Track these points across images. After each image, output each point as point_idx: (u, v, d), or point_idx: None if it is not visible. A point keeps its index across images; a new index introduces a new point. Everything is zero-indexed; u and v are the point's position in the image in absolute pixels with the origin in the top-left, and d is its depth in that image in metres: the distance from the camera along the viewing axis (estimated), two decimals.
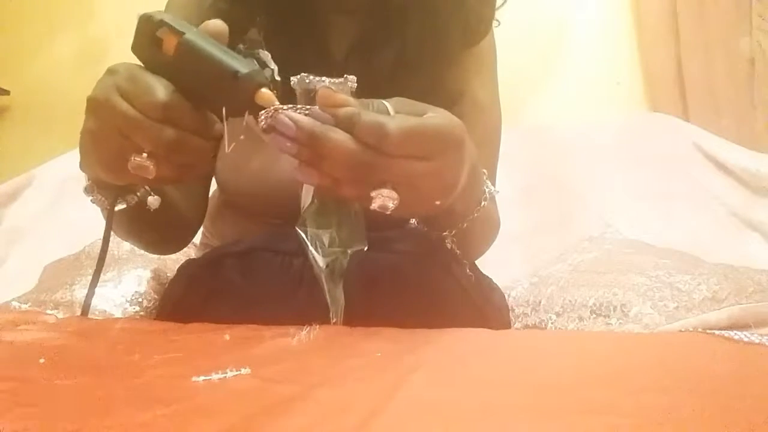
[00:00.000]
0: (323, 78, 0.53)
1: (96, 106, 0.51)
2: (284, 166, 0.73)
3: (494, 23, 0.82)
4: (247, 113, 0.53)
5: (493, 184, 0.76)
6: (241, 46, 0.51)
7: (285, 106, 0.48)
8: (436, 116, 0.49)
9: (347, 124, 0.46)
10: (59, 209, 1.43)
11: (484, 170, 0.64)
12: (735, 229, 1.31)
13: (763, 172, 1.33)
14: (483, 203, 0.64)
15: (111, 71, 0.52)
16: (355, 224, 0.56)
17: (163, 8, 0.84)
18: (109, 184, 0.59)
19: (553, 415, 0.36)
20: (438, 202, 0.51)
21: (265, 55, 0.52)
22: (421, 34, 0.75)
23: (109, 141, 0.51)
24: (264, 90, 0.48)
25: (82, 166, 0.58)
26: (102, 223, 0.65)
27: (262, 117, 0.48)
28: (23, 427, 0.34)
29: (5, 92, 1.85)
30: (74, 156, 0.58)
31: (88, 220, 1.31)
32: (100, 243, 1.10)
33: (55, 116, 1.81)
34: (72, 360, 0.48)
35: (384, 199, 0.47)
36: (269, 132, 0.48)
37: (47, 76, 1.85)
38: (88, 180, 0.60)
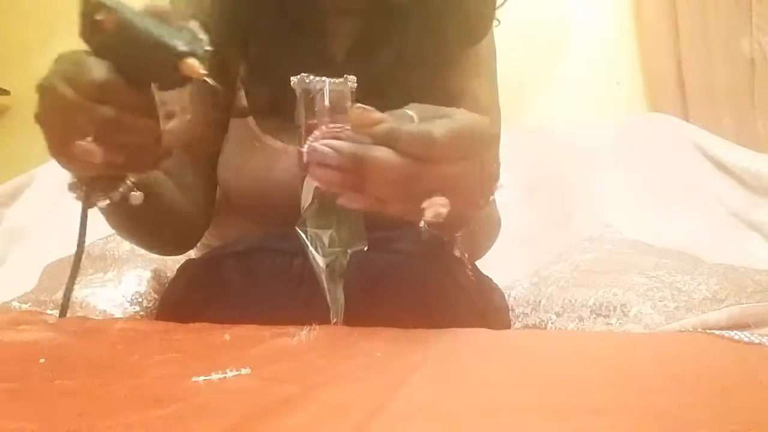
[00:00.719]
0: (323, 78, 0.52)
1: (42, 93, 0.51)
2: (284, 167, 0.73)
3: (494, 23, 0.81)
4: (244, 113, 0.53)
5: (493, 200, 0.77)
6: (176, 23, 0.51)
7: (210, 79, 0.48)
8: (462, 115, 0.49)
9: (388, 140, 0.45)
10: (59, 209, 1.43)
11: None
12: (735, 229, 1.31)
13: (763, 172, 1.33)
14: (491, 198, 0.63)
15: (58, 59, 0.52)
16: (355, 224, 0.56)
17: None
18: (88, 178, 0.58)
19: (554, 415, 0.36)
20: (482, 202, 0.50)
21: (195, 25, 0.51)
22: (421, 34, 0.75)
23: (55, 126, 0.51)
24: (189, 60, 0.48)
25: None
26: (102, 224, 0.65)
27: (305, 152, 0.47)
28: (23, 427, 0.34)
29: (5, 92, 1.85)
30: None
31: (88, 220, 1.31)
32: (100, 243, 1.12)
33: None
34: (72, 360, 0.48)
35: (436, 207, 0.46)
36: (307, 168, 0.47)
37: None
38: (72, 177, 0.60)
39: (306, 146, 0.48)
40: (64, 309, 0.63)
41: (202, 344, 0.54)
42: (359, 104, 0.47)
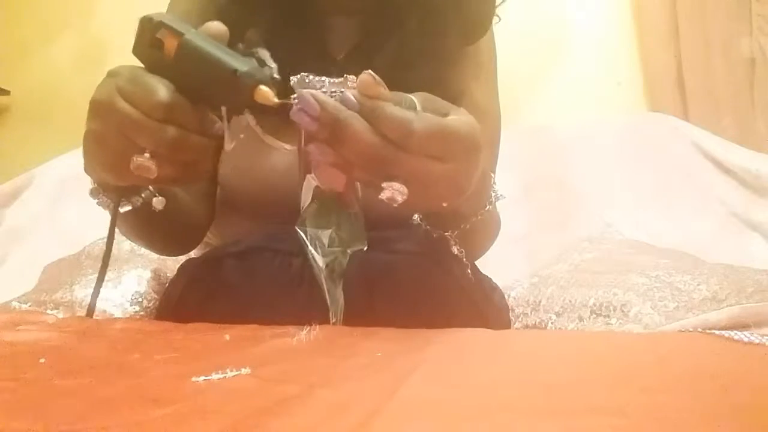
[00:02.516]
0: (323, 78, 0.53)
1: (98, 108, 0.51)
2: (284, 166, 0.73)
3: (495, 20, 0.81)
4: (247, 112, 0.53)
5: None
6: (240, 45, 0.51)
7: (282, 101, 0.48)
8: (459, 119, 0.49)
9: (370, 116, 0.46)
10: (59, 209, 1.43)
11: (492, 173, 0.64)
12: (735, 229, 1.31)
13: (763, 172, 1.33)
14: (488, 207, 0.64)
15: (112, 74, 0.52)
16: (354, 224, 0.56)
17: (163, 9, 0.84)
18: (113, 185, 0.59)
19: (553, 415, 0.36)
20: (445, 204, 0.51)
21: (264, 53, 0.52)
22: (421, 33, 0.75)
23: (111, 142, 0.51)
24: (263, 87, 0.49)
25: (86, 168, 0.58)
26: (104, 223, 0.65)
27: (294, 99, 0.48)
28: (23, 427, 0.34)
29: (5, 92, 1.85)
30: (74, 156, 0.58)
31: (88, 220, 1.31)
32: (100, 243, 1.12)
33: (55, 116, 1.81)
34: (72, 360, 0.48)
35: (394, 192, 0.47)
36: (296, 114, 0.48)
37: (47, 76, 1.85)
38: (93, 183, 0.60)
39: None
40: (90, 311, 0.63)
41: (202, 344, 0.54)
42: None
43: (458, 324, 0.57)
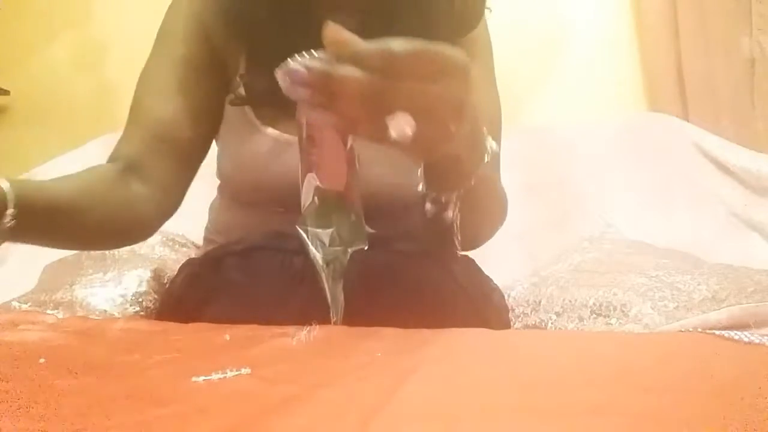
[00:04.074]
0: (302, 55, 0.52)
1: None
2: (282, 155, 0.73)
3: (486, 12, 0.81)
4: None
5: (498, 177, 0.77)
6: None
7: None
8: (438, 43, 0.49)
9: (353, 59, 0.46)
10: None
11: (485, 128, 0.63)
12: (735, 229, 1.31)
13: (763, 172, 1.33)
14: (486, 158, 0.62)
15: None
16: (355, 223, 0.56)
17: (162, 11, 0.85)
18: None
19: (554, 415, 0.36)
20: (452, 128, 0.50)
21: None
22: (415, 26, 0.74)
23: None
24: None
25: None
26: None
27: (279, 73, 0.48)
28: (23, 427, 0.34)
29: (5, 92, 1.85)
30: (74, 156, 0.58)
31: None
32: None
33: (55, 116, 1.81)
34: (72, 360, 0.48)
35: (401, 126, 0.47)
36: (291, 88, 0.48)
37: (47, 76, 1.85)
38: None
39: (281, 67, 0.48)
40: None
41: (202, 344, 0.54)
42: (331, 22, 0.48)
43: (458, 323, 0.57)
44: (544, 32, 1.71)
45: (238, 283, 0.72)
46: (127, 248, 1.08)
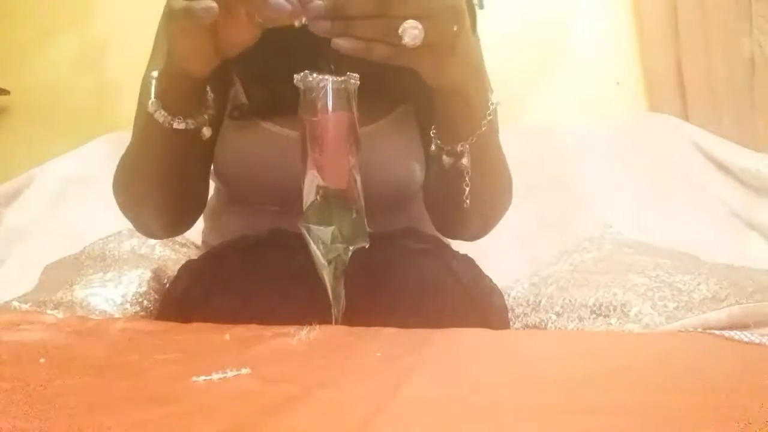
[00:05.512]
0: (326, 76, 0.53)
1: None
2: (281, 150, 0.73)
3: (477, 9, 0.82)
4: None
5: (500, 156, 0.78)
6: None
7: None
8: None
9: None
10: (59, 209, 1.43)
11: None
12: (735, 229, 1.31)
13: (763, 172, 1.33)
14: (490, 110, 0.64)
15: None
16: (356, 221, 0.56)
17: (161, 10, 0.84)
18: (177, 101, 0.62)
19: (553, 415, 0.36)
20: (455, 28, 0.54)
21: None
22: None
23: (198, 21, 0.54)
24: None
25: (162, 76, 0.61)
26: (102, 224, 0.65)
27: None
28: (23, 427, 0.34)
29: (5, 92, 1.85)
30: (74, 155, 0.58)
31: (88, 220, 1.31)
32: (99, 243, 1.12)
33: (55, 116, 1.81)
34: (72, 360, 0.48)
35: (410, 31, 0.51)
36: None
37: (47, 76, 1.85)
38: (155, 97, 0.63)
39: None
40: None
41: (202, 344, 0.54)
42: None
43: (458, 321, 0.57)
44: (544, 32, 1.71)
45: (239, 279, 0.72)
46: (127, 248, 1.08)
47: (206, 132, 0.65)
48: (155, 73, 0.63)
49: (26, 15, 1.90)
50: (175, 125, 0.63)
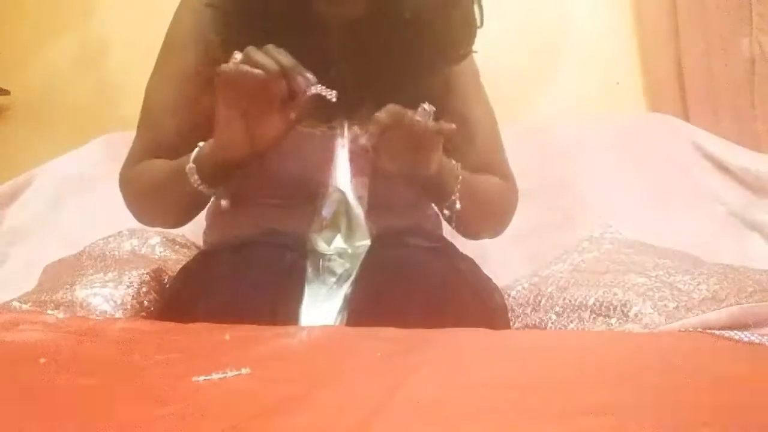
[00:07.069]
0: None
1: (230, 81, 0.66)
2: (282, 147, 0.74)
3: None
4: None
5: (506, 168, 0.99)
6: None
7: None
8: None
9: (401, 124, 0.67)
10: (59, 209, 1.43)
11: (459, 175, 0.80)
12: (735, 229, 1.31)
13: (763, 172, 1.33)
14: (459, 178, 0.80)
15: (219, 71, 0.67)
16: (358, 221, 0.58)
17: (163, 10, 0.85)
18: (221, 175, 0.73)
19: (554, 415, 0.36)
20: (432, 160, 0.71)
21: None
22: (408, 56, 0.80)
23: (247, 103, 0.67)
24: None
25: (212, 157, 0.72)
26: (102, 224, 0.65)
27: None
28: (23, 427, 0.34)
29: (5, 92, 1.85)
30: (74, 156, 0.58)
31: (88, 220, 1.31)
32: (100, 243, 1.12)
33: (55, 116, 1.81)
34: (72, 360, 0.48)
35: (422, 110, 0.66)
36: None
37: (47, 76, 1.84)
38: (193, 160, 0.73)
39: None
40: None
41: (202, 344, 0.54)
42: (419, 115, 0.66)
43: (463, 316, 0.57)
44: (544, 32, 1.71)
45: (231, 276, 0.72)
46: (128, 248, 1.08)
47: (224, 204, 0.75)
48: (201, 144, 0.73)
49: (26, 15, 1.90)
50: (202, 189, 0.73)
